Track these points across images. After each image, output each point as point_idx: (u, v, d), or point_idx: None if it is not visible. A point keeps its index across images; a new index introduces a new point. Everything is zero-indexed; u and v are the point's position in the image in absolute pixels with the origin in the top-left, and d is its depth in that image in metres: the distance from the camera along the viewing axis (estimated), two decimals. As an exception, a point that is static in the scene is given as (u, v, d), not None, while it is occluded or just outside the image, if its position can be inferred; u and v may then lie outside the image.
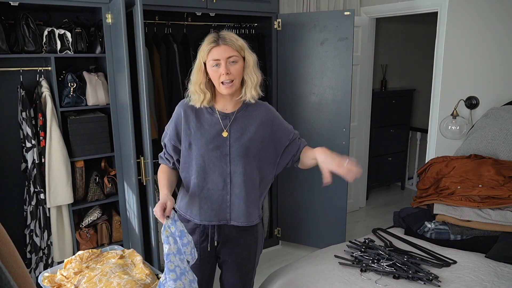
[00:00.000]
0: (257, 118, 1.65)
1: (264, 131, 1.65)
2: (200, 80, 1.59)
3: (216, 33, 1.57)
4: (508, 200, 2.28)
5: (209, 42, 1.55)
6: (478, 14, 2.99)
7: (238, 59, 1.54)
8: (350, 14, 2.87)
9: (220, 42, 1.52)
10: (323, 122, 3.10)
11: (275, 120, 1.69)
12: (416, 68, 5.07)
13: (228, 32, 1.57)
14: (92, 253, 1.84)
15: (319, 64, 3.04)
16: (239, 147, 1.61)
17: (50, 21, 2.56)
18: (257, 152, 1.65)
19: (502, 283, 1.85)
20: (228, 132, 1.62)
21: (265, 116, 1.66)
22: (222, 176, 1.64)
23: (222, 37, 1.53)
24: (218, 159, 1.62)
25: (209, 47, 1.54)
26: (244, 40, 1.59)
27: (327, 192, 3.21)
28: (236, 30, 3.18)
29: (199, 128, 1.64)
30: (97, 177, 2.65)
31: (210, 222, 1.68)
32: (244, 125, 1.64)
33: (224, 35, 1.55)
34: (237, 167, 1.62)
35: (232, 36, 1.55)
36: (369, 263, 1.99)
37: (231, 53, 1.52)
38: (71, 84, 2.46)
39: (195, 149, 1.65)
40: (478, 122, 2.84)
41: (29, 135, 2.37)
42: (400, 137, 4.81)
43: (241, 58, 1.56)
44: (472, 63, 3.08)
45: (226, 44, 1.52)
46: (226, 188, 1.65)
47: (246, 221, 1.67)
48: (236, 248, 1.71)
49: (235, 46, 1.53)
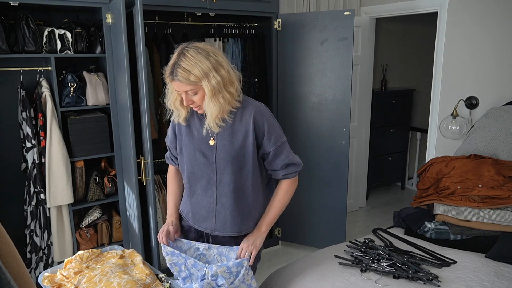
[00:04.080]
0: (246, 125, 1.55)
1: (252, 138, 1.56)
2: (174, 98, 1.56)
3: (176, 60, 1.44)
4: (508, 200, 2.27)
5: (167, 73, 1.47)
6: (478, 14, 2.99)
7: (197, 90, 1.46)
8: (350, 14, 2.87)
9: (174, 77, 1.44)
10: (323, 122, 3.10)
11: (263, 128, 1.57)
12: (416, 68, 5.07)
13: (186, 60, 1.42)
14: (92, 253, 1.84)
15: (319, 64, 3.04)
16: (225, 156, 1.56)
17: (50, 21, 2.56)
18: (246, 160, 1.58)
19: (502, 283, 1.85)
20: (215, 140, 1.57)
21: (254, 122, 1.55)
22: (209, 183, 1.61)
23: (175, 73, 1.43)
24: (205, 166, 1.60)
25: (168, 79, 1.48)
26: (209, 60, 1.43)
27: (327, 192, 3.21)
28: (236, 30, 3.19)
29: (188, 134, 1.63)
30: (97, 177, 2.65)
31: (199, 227, 1.70)
32: (232, 133, 1.56)
33: (177, 70, 1.43)
34: (224, 176, 1.58)
35: (186, 68, 1.42)
36: (369, 263, 1.99)
37: (185, 88, 1.45)
38: (71, 84, 2.46)
39: (185, 154, 1.64)
40: (478, 122, 2.84)
41: (29, 135, 2.37)
42: (400, 137, 4.81)
43: (200, 87, 1.45)
44: (472, 63, 3.08)
45: (179, 81, 1.44)
46: (213, 196, 1.62)
47: (231, 232, 1.65)
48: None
49: (188, 81, 1.43)
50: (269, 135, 1.57)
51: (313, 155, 3.17)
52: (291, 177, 1.64)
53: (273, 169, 1.64)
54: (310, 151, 3.17)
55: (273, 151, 1.58)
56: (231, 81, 1.50)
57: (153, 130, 2.79)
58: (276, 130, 1.60)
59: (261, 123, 1.56)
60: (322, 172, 3.18)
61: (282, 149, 1.60)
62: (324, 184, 3.20)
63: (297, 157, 1.66)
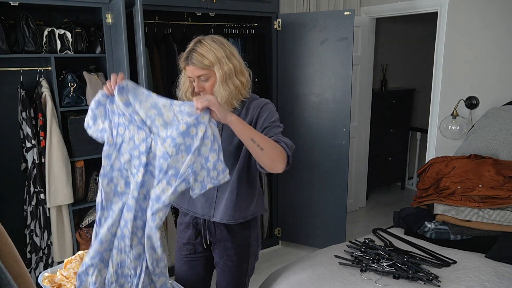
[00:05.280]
0: (251, 116, 1.61)
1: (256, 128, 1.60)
2: (186, 88, 1.62)
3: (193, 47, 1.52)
4: (508, 200, 2.27)
5: (183, 58, 1.55)
6: (478, 14, 2.99)
7: (209, 76, 1.52)
8: (350, 14, 2.87)
9: (189, 62, 1.52)
10: (323, 122, 3.10)
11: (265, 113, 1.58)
12: (416, 68, 5.07)
13: (201, 46, 1.51)
14: (92, 253, 1.83)
15: (319, 64, 3.04)
16: (229, 146, 1.61)
17: (50, 21, 2.56)
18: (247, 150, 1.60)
19: (502, 283, 1.85)
20: (220, 131, 1.61)
21: (257, 113, 1.60)
22: None
23: (191, 57, 1.51)
24: None
25: (183, 64, 1.55)
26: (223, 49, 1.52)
27: (327, 192, 3.21)
28: (236, 30, 3.19)
29: None
30: (97, 177, 2.64)
31: (195, 213, 1.71)
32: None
33: (193, 54, 1.51)
34: (227, 164, 1.60)
35: (201, 53, 1.50)
36: (369, 263, 1.99)
37: (199, 72, 1.51)
38: (71, 84, 2.46)
39: None
40: (478, 122, 2.84)
41: (29, 135, 2.37)
42: (400, 137, 4.81)
43: (213, 73, 1.52)
44: (472, 63, 3.07)
45: (194, 65, 1.51)
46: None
47: (228, 219, 1.66)
48: (228, 250, 1.71)
49: (203, 65, 1.50)
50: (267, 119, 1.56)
51: (313, 155, 3.17)
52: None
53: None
54: (310, 151, 3.17)
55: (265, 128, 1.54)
56: (242, 71, 1.57)
57: (153, 130, 2.79)
58: (275, 118, 1.58)
59: (263, 113, 1.59)
60: (322, 172, 3.18)
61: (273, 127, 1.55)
62: (324, 184, 3.20)
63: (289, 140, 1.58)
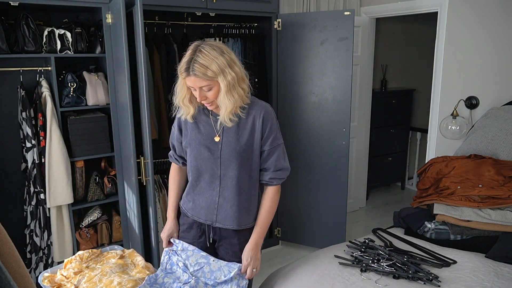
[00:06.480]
0: (253, 123, 1.61)
1: (257, 137, 1.62)
2: (183, 95, 1.60)
3: (193, 56, 1.47)
4: (508, 200, 2.27)
5: (183, 68, 1.49)
6: (478, 14, 2.99)
7: (212, 86, 1.49)
8: (350, 14, 2.87)
9: (190, 73, 1.46)
10: (323, 122, 3.10)
11: (267, 128, 1.62)
12: (416, 68, 5.07)
13: (202, 56, 1.46)
14: (92, 253, 1.84)
15: (319, 64, 3.04)
16: (230, 152, 1.61)
17: (50, 21, 2.56)
18: (249, 156, 1.63)
19: (502, 283, 1.85)
20: (220, 137, 1.62)
21: (260, 121, 1.60)
22: (213, 177, 1.66)
23: (192, 68, 1.46)
24: (210, 161, 1.64)
25: (184, 75, 1.50)
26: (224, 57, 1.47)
27: (327, 192, 3.21)
28: (236, 30, 3.19)
29: (194, 129, 1.67)
30: (97, 177, 2.65)
31: (199, 218, 1.72)
32: (238, 130, 1.61)
33: (195, 65, 1.45)
34: (228, 171, 1.63)
35: (204, 64, 1.45)
36: (369, 263, 1.99)
37: (201, 83, 1.48)
38: (71, 84, 2.46)
39: (190, 149, 1.69)
40: (478, 122, 2.84)
41: (29, 135, 2.37)
42: (400, 137, 4.81)
43: (216, 83, 1.49)
44: (472, 63, 3.07)
45: (196, 76, 1.46)
46: (216, 190, 1.67)
47: (232, 225, 1.68)
48: (234, 247, 1.72)
49: (206, 76, 1.46)
50: (269, 135, 1.64)
51: (313, 155, 3.17)
52: (276, 183, 1.69)
53: (264, 167, 1.69)
54: (310, 151, 3.17)
55: (268, 150, 1.64)
56: (243, 78, 1.56)
57: (153, 130, 2.79)
58: (276, 132, 1.66)
59: (267, 123, 1.62)
60: (322, 172, 3.18)
61: (275, 150, 1.66)
62: (324, 184, 3.20)
63: (287, 163, 1.71)
